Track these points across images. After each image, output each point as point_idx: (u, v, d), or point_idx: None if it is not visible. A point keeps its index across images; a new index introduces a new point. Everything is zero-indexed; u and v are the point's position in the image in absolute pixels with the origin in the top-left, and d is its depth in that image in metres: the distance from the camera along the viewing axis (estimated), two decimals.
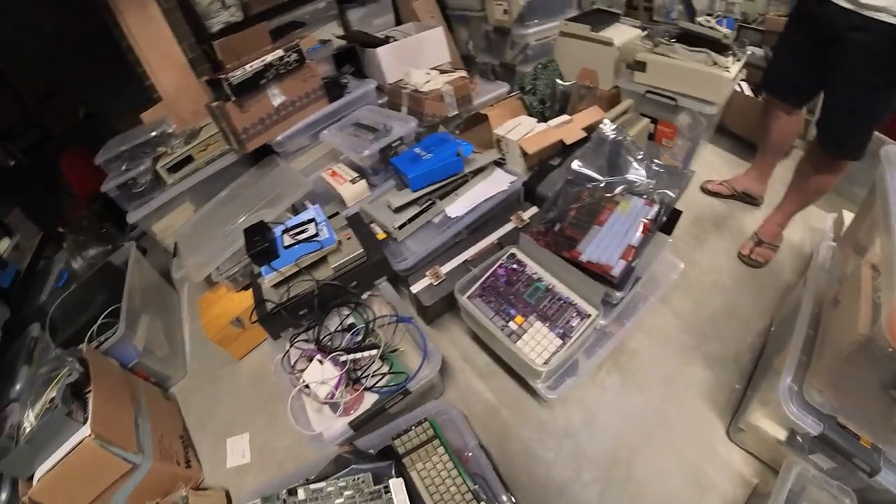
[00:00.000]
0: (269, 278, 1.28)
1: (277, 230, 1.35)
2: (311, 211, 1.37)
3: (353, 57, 2.06)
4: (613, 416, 1.36)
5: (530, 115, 1.79)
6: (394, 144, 1.65)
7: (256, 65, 1.63)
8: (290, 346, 1.35)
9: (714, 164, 2.05)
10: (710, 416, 1.33)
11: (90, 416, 1.26)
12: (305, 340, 1.36)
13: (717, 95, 1.71)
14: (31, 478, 1.22)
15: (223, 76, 1.58)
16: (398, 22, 2.44)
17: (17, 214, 2.23)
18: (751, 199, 1.85)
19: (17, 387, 1.56)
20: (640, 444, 1.30)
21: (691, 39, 1.74)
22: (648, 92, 1.81)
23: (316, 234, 1.29)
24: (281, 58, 1.66)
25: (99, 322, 1.64)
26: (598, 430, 1.34)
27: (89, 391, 1.34)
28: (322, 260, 1.31)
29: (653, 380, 1.42)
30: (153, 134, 1.88)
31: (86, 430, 1.23)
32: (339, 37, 2.10)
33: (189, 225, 1.86)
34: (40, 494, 1.19)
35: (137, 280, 1.85)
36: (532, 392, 1.43)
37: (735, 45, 1.73)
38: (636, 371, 1.45)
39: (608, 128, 1.46)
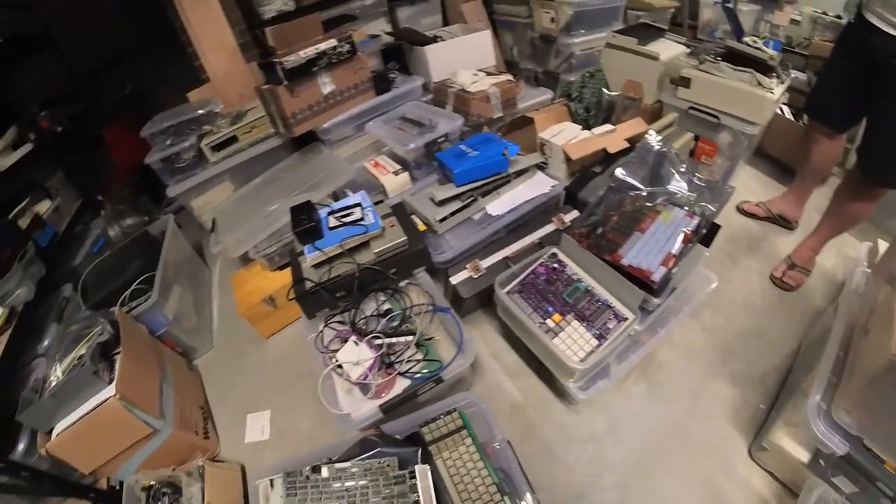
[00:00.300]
0: (311, 257, 1.30)
1: (323, 212, 1.37)
2: (358, 196, 1.39)
3: (399, 54, 2.09)
4: (637, 425, 1.36)
5: (574, 121, 1.82)
6: (439, 140, 1.68)
7: (310, 52, 1.67)
8: (325, 325, 1.37)
9: (750, 185, 2.06)
10: (732, 434, 1.33)
11: (117, 376, 1.28)
12: (340, 322, 1.38)
13: (760, 116, 1.72)
14: (51, 432, 1.23)
15: (277, 60, 1.62)
16: (445, 23, 2.49)
17: (60, 179, 2.27)
18: (786, 223, 1.85)
19: (45, 343, 1.60)
20: (662, 455, 1.30)
21: (737, 59, 1.76)
22: (691, 108, 1.82)
23: (361, 219, 1.31)
24: (334, 47, 1.70)
25: (133, 287, 1.67)
26: (622, 437, 1.35)
27: (117, 353, 1.36)
28: (364, 244, 1.34)
29: (678, 392, 1.43)
30: (200, 112, 1.93)
31: (111, 390, 1.24)
32: (388, 33, 2.14)
33: (229, 202, 1.90)
34: (58, 448, 1.21)
35: (173, 252, 1.90)
36: (559, 394, 1.43)
37: (780, 68, 1.74)
38: (663, 382, 1.45)
39: (654, 139, 1.47)
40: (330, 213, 1.36)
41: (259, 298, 1.68)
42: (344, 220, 1.32)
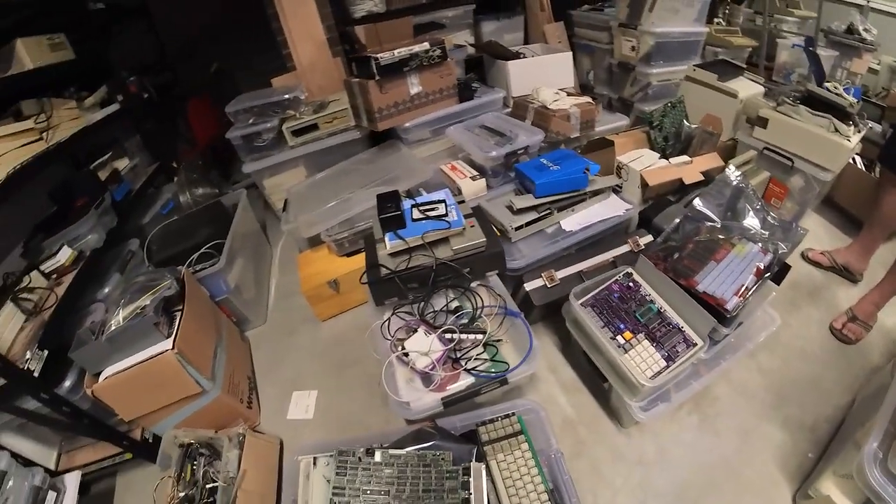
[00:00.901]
0: (392, 244, 1.34)
1: (407, 203, 1.42)
2: (442, 193, 1.44)
3: (480, 66, 2.16)
4: (686, 456, 1.36)
5: (652, 149, 1.85)
6: (518, 152, 1.73)
7: (403, 52, 1.74)
8: (393, 313, 1.41)
9: (816, 233, 2.04)
10: (779, 478, 1.31)
11: (178, 332, 1.30)
12: (408, 312, 1.41)
13: (834, 163, 1.72)
14: (98, 374, 1.26)
15: (373, 56, 1.69)
16: (526, 41, 2.55)
17: (136, 142, 2.37)
18: (849, 275, 1.84)
19: (105, 290, 1.66)
20: (708, 489, 1.29)
21: (815, 103, 1.76)
22: (766, 149, 1.83)
23: (445, 214, 1.36)
24: (427, 51, 1.78)
25: (201, 251, 1.74)
26: (670, 465, 1.34)
27: (178, 310, 1.40)
28: (443, 240, 1.37)
29: (730, 429, 1.42)
30: (286, 97, 2.01)
31: (167, 344, 1.27)
32: (472, 45, 2.21)
33: (303, 185, 1.97)
34: (104, 390, 1.23)
35: (241, 224, 1.97)
36: (611, 415, 1.44)
37: (858, 116, 1.74)
38: (715, 417, 1.45)
39: (733, 173, 1.49)
40: (414, 206, 1.40)
41: (323, 280, 1.73)
42: (428, 213, 1.37)
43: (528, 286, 1.42)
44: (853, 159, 2.03)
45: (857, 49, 2.37)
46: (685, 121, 1.88)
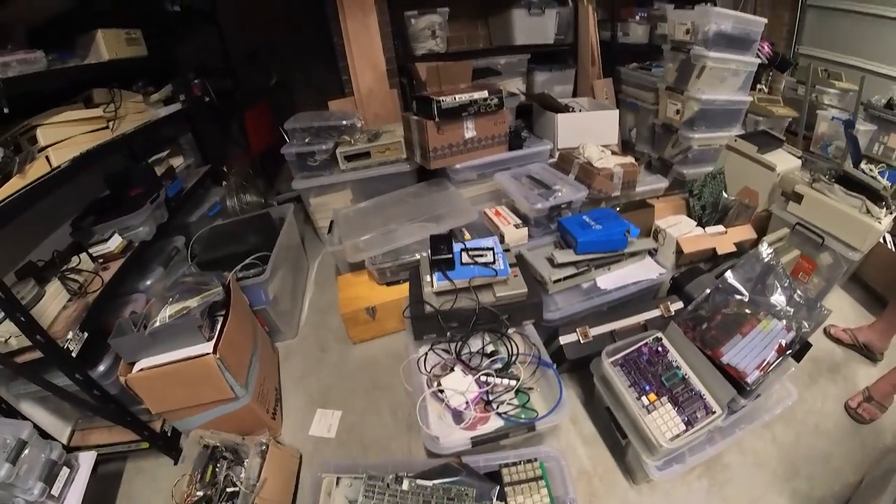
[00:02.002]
0: (439, 284, 1.42)
1: (457, 246, 1.51)
2: (490, 241, 1.52)
3: (528, 114, 2.25)
4: None
5: (689, 216, 1.93)
6: (562, 206, 1.81)
7: (464, 98, 1.84)
8: (430, 348, 1.49)
9: (841, 309, 2.07)
10: None
11: (222, 336, 1.35)
12: (444, 350, 1.49)
13: (863, 243, 1.77)
14: (133, 364, 1.30)
15: (435, 98, 1.79)
16: (574, 94, 2.66)
17: (188, 141, 2.45)
18: (870, 354, 1.87)
19: (148, 282, 1.73)
20: None
21: (850, 183, 1.82)
22: (799, 224, 1.89)
23: (493, 262, 1.44)
24: (485, 98, 1.88)
25: (246, 261, 1.79)
26: None
27: (221, 315, 1.45)
28: (487, 286, 1.45)
29: (738, 497, 1.46)
30: (344, 122, 2.12)
31: (207, 347, 1.32)
32: (525, 93, 2.30)
33: (351, 210, 2.06)
34: (136, 381, 1.27)
35: (286, 238, 2.04)
36: (626, 471, 1.49)
37: (891, 199, 1.79)
38: (724, 483, 1.49)
39: (765, 250, 1.56)
40: (463, 250, 1.49)
41: (362, 305, 1.81)
42: (476, 259, 1.45)
43: (563, 340, 1.50)
44: (883, 238, 2.07)
45: (895, 125, 2.41)
46: (724, 192, 1.95)
